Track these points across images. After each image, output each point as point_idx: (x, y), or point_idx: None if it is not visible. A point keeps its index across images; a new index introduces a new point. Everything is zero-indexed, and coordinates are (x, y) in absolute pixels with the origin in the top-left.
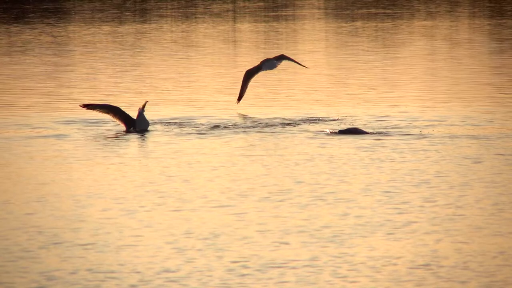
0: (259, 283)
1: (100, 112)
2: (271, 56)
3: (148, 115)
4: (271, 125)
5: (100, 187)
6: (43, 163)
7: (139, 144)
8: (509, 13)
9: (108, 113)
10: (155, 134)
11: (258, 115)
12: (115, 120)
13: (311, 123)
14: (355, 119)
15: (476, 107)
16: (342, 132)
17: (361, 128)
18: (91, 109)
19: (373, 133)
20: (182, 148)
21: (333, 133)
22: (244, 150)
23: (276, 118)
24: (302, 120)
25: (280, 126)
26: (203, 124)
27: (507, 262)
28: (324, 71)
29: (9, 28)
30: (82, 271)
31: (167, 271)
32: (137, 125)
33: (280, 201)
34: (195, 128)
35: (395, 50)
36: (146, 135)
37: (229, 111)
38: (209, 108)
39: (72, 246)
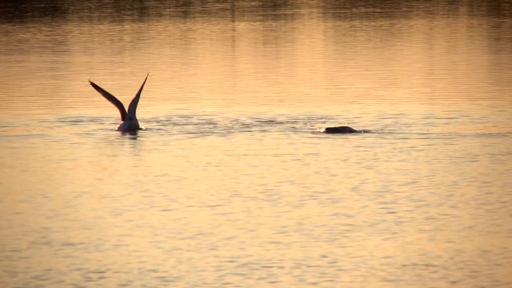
0: (250, 283)
1: (102, 96)
2: None
3: (145, 114)
4: (265, 124)
5: (89, 186)
6: (34, 162)
7: (130, 143)
8: (506, 12)
9: (110, 101)
10: (149, 133)
11: (254, 114)
12: (115, 107)
13: (304, 121)
14: (353, 118)
15: (473, 106)
16: (330, 130)
17: (350, 127)
18: (96, 90)
19: (362, 131)
20: (175, 147)
21: (322, 132)
22: (236, 150)
23: (271, 117)
24: (296, 119)
25: (273, 125)
26: (196, 123)
27: (498, 261)
28: (322, 70)
29: (6, 27)
30: (72, 271)
31: (157, 271)
32: (128, 119)
33: (271, 200)
34: (188, 127)
35: (392, 49)
36: (138, 133)
37: (226, 111)
38: (206, 107)
39: (61, 245)
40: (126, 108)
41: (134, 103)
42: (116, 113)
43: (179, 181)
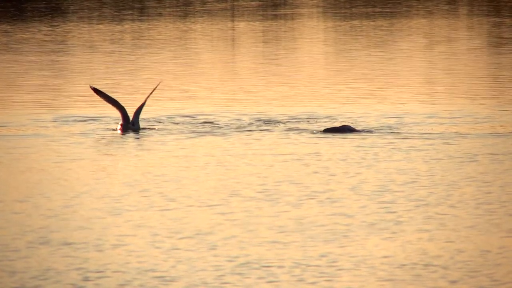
0: (249, 283)
1: (104, 100)
2: None
3: (146, 113)
4: (265, 124)
5: (88, 186)
6: (32, 162)
7: (129, 143)
8: (505, 12)
9: (112, 105)
10: (149, 132)
11: (252, 113)
12: (116, 110)
13: (304, 121)
14: (353, 118)
15: (473, 105)
16: (329, 130)
17: (349, 126)
18: (98, 94)
19: (361, 131)
20: (174, 147)
21: (321, 131)
22: (235, 149)
23: (271, 117)
24: (296, 118)
25: (273, 125)
26: (196, 123)
27: (498, 261)
28: (322, 70)
29: (6, 26)
30: (71, 271)
31: (156, 271)
32: (131, 126)
33: (270, 200)
34: (188, 127)
35: (393, 49)
36: (138, 133)
37: (225, 110)
38: (205, 107)
39: (60, 245)
40: (130, 112)
41: (139, 110)
42: (114, 112)
43: (178, 181)
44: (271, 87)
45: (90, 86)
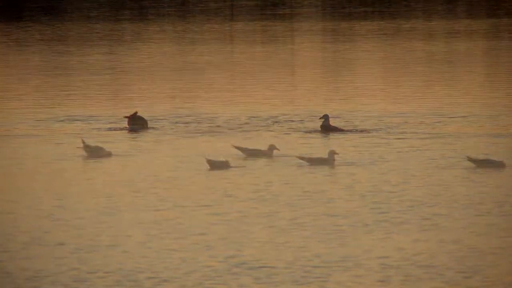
0: (244, 282)
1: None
2: None
3: (145, 113)
4: (263, 124)
5: (82, 187)
6: (27, 162)
7: (124, 143)
8: (503, 12)
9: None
10: (145, 133)
11: (250, 113)
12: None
13: (302, 121)
14: (352, 117)
15: (471, 106)
16: (327, 128)
17: (340, 127)
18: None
19: (359, 130)
20: (170, 147)
21: (315, 131)
22: (232, 150)
23: (269, 117)
24: (294, 118)
25: (271, 124)
26: (193, 123)
27: (492, 261)
28: (321, 70)
29: (4, 26)
30: (65, 271)
31: (151, 271)
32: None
33: (265, 201)
34: (186, 127)
35: (391, 49)
36: (137, 134)
37: (223, 111)
38: (204, 107)
39: (54, 246)
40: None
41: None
42: (109, 112)
43: (173, 181)
44: (270, 87)
45: (135, 112)
